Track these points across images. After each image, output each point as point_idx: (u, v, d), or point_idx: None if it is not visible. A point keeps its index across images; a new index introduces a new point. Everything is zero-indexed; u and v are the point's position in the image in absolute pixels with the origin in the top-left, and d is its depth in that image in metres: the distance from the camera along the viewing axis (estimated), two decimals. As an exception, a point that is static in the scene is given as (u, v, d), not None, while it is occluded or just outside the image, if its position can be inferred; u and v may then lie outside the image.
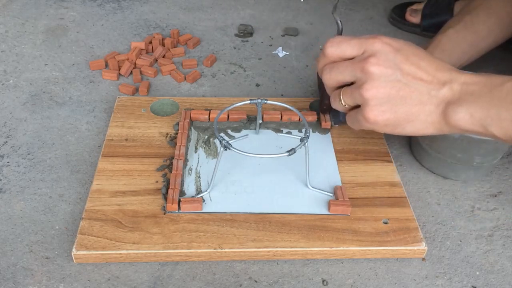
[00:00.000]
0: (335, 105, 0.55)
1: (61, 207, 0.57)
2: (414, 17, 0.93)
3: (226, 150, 0.53)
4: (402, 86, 0.49)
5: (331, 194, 0.57)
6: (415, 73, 0.49)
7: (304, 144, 0.54)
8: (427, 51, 0.53)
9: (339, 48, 0.51)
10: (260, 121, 0.64)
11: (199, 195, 0.56)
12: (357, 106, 0.52)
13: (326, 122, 0.66)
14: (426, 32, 0.91)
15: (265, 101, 0.60)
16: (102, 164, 0.59)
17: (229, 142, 0.53)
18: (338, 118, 0.65)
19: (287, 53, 0.86)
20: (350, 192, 0.58)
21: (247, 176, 0.59)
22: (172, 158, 0.60)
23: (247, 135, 0.63)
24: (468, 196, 0.61)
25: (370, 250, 0.52)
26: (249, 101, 0.60)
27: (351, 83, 0.51)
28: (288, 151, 0.52)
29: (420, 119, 0.49)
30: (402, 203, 0.57)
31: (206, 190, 0.56)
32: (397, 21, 0.95)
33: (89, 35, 0.88)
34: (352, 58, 0.51)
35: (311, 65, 0.83)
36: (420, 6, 0.93)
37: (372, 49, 0.49)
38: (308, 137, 0.55)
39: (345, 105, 0.53)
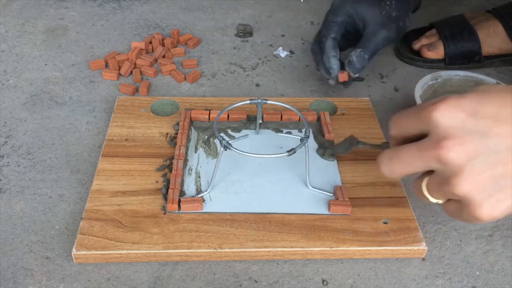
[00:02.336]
0: (423, 201, 0.42)
1: (61, 207, 0.57)
2: (432, 52, 0.82)
3: (226, 150, 0.53)
4: (506, 156, 0.35)
5: (331, 194, 0.57)
6: (509, 130, 0.35)
7: (304, 144, 0.54)
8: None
9: (399, 127, 0.41)
10: (260, 121, 0.64)
11: (199, 195, 0.56)
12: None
13: (343, 73, 0.65)
14: (452, 65, 0.82)
15: (265, 101, 0.60)
16: (102, 164, 0.59)
17: (229, 142, 0.53)
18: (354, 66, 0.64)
19: (288, 53, 0.86)
20: (350, 192, 0.58)
21: (247, 176, 0.59)
22: (172, 158, 0.60)
23: (247, 135, 0.63)
24: (468, 196, 0.61)
25: (370, 250, 0.52)
26: (249, 101, 0.60)
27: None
28: (288, 151, 0.52)
29: None
30: (402, 203, 0.57)
31: (206, 190, 0.56)
32: (415, 60, 0.83)
33: (89, 35, 0.88)
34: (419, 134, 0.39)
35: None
36: (430, 40, 0.84)
37: (437, 125, 0.36)
38: (308, 137, 0.55)
39: (437, 202, 0.41)
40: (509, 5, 0.82)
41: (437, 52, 0.82)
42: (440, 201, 0.41)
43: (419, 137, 0.39)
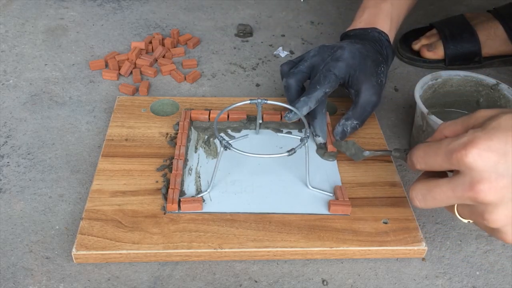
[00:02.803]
0: (451, 213, 0.44)
1: (61, 207, 0.57)
2: (432, 52, 0.82)
3: (226, 150, 0.53)
4: None
5: (331, 194, 0.57)
6: None
7: (304, 144, 0.54)
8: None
9: (427, 164, 0.42)
10: (260, 121, 0.64)
11: (199, 195, 0.56)
12: None
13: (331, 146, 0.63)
14: (452, 66, 0.82)
15: (265, 101, 0.60)
16: (102, 164, 0.59)
17: (229, 142, 0.53)
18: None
19: (288, 53, 0.86)
20: (350, 192, 0.58)
21: (247, 176, 0.59)
22: (172, 158, 0.60)
23: (247, 135, 0.63)
24: (468, 196, 0.61)
25: (370, 250, 0.52)
26: (249, 101, 0.60)
27: None
28: (288, 151, 0.52)
29: None
30: (402, 203, 0.57)
31: (206, 190, 0.56)
32: (415, 61, 0.84)
33: (89, 35, 0.88)
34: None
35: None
36: (430, 40, 0.83)
37: (471, 169, 0.38)
38: (308, 137, 0.55)
39: (468, 221, 0.44)
40: (510, 5, 0.82)
41: (437, 53, 0.82)
42: (471, 221, 0.43)
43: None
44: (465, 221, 0.44)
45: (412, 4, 0.75)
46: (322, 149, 0.63)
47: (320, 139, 0.63)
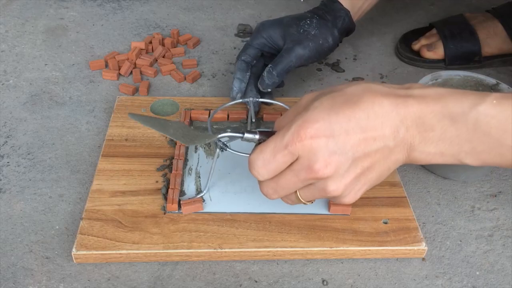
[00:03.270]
0: (291, 204, 0.49)
1: (61, 207, 0.57)
2: (432, 52, 0.82)
3: (222, 151, 0.53)
4: (362, 159, 0.43)
5: (331, 194, 0.57)
6: (365, 139, 0.43)
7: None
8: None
9: (270, 170, 0.45)
10: (254, 120, 0.64)
11: (197, 196, 0.56)
12: None
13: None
14: (452, 65, 0.82)
15: (257, 100, 0.60)
16: (102, 164, 0.59)
17: (225, 143, 0.53)
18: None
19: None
20: (350, 192, 0.58)
21: (247, 176, 0.59)
22: (172, 158, 0.60)
23: (242, 135, 0.63)
24: (468, 196, 0.61)
25: (370, 250, 0.52)
26: (241, 100, 0.60)
27: None
28: None
29: (390, 169, 0.46)
30: (402, 203, 0.57)
31: (204, 191, 0.56)
32: (415, 60, 0.84)
33: (89, 35, 0.88)
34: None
35: (311, 65, 0.83)
36: (430, 40, 0.84)
37: (307, 153, 0.42)
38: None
39: (306, 202, 0.48)
40: (509, 5, 0.82)
41: (437, 53, 0.82)
42: (310, 203, 0.48)
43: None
44: (308, 203, 0.47)
45: None
46: None
47: (233, 92, 0.66)
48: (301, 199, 0.47)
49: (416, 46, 0.84)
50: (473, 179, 0.63)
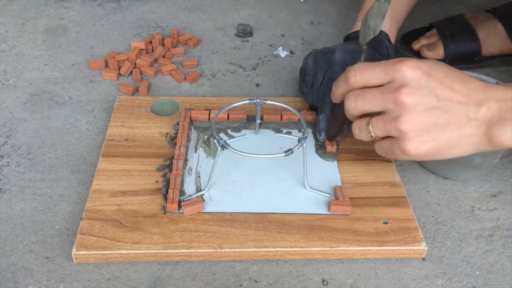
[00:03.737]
0: (360, 135, 0.52)
1: (61, 207, 0.57)
2: (432, 52, 0.82)
3: (223, 150, 0.53)
4: (440, 112, 0.46)
5: (329, 195, 0.57)
6: (450, 97, 0.46)
7: (302, 145, 0.54)
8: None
9: (363, 77, 0.49)
10: (260, 121, 0.64)
11: (197, 194, 0.56)
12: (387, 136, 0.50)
13: (333, 146, 0.62)
14: (452, 65, 0.84)
15: (264, 101, 0.60)
16: (102, 164, 0.59)
17: (227, 141, 0.53)
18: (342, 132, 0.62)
19: (288, 53, 0.86)
20: (350, 192, 0.58)
21: (247, 176, 0.59)
22: (172, 158, 0.60)
23: (245, 135, 0.63)
24: (468, 196, 0.61)
25: (370, 250, 0.52)
26: (248, 101, 0.60)
27: (379, 112, 0.49)
28: (286, 152, 0.52)
29: (461, 143, 0.48)
30: (402, 203, 0.57)
31: (204, 189, 0.56)
32: None
33: (89, 35, 0.88)
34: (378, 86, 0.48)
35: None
36: (430, 40, 0.83)
37: (401, 76, 0.46)
38: (306, 137, 0.55)
39: (374, 137, 0.50)
40: (509, 5, 0.82)
41: (437, 52, 0.82)
42: (376, 137, 0.50)
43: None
44: (374, 135, 0.50)
45: (412, 2, 0.75)
46: (322, 149, 0.63)
47: (321, 137, 0.62)
48: (371, 127, 0.49)
49: (416, 46, 0.84)
50: (473, 179, 0.63)
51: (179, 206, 0.54)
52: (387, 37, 0.69)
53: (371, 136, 0.51)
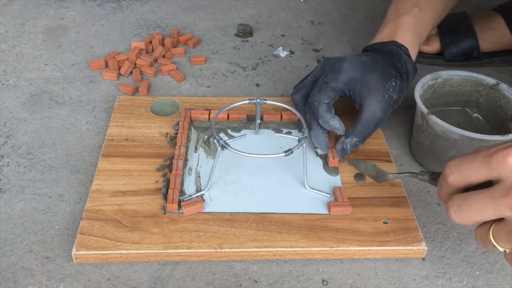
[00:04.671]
0: (487, 247, 0.42)
1: (61, 207, 0.57)
2: (428, 46, 0.82)
3: (223, 149, 0.53)
4: None
5: (329, 195, 0.57)
6: None
7: (301, 145, 0.54)
8: None
9: (461, 174, 0.40)
10: (260, 121, 0.64)
11: (197, 194, 0.56)
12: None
13: (334, 159, 0.60)
14: (451, 62, 0.82)
15: (264, 101, 0.60)
16: (102, 164, 0.59)
17: (227, 141, 0.53)
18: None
19: (288, 53, 0.86)
20: (350, 192, 0.58)
21: (247, 176, 0.59)
22: (172, 158, 0.60)
23: (245, 134, 0.63)
24: (468, 196, 0.61)
25: (370, 250, 0.52)
26: (248, 101, 0.60)
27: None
28: (285, 152, 0.52)
29: None
30: (402, 203, 0.57)
31: (204, 189, 0.56)
32: None
33: (89, 35, 0.88)
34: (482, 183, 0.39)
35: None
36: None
37: (510, 172, 0.37)
38: (306, 137, 0.55)
39: (504, 250, 0.41)
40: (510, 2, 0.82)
41: (432, 46, 0.83)
42: (508, 250, 0.41)
43: (481, 186, 0.40)
44: (501, 249, 0.41)
45: (437, 18, 0.70)
46: (323, 159, 0.62)
47: (319, 151, 0.61)
48: (493, 241, 0.40)
49: None
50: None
51: (179, 206, 0.54)
52: (407, 52, 0.64)
53: (500, 249, 0.41)
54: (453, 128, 0.57)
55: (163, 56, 0.82)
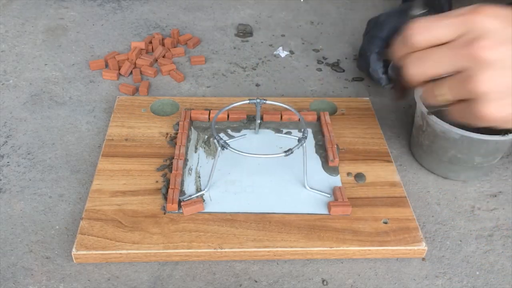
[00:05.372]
0: (430, 100, 0.44)
1: (61, 207, 0.57)
2: None
3: (223, 149, 0.53)
4: None
5: (329, 195, 0.57)
6: None
7: (301, 145, 0.54)
8: None
9: (430, 33, 0.41)
10: (260, 121, 0.64)
11: (197, 194, 0.56)
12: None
13: (334, 159, 0.61)
14: None
15: (264, 101, 0.60)
16: (102, 164, 0.59)
17: (227, 141, 0.53)
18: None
19: (288, 53, 0.86)
20: (350, 192, 0.58)
21: (247, 176, 0.59)
22: (172, 158, 0.60)
23: (245, 134, 0.63)
24: (468, 196, 0.61)
25: (370, 250, 0.52)
26: (248, 101, 0.60)
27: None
28: (285, 152, 0.52)
29: None
30: (402, 203, 0.57)
31: (204, 189, 0.56)
32: None
33: (89, 35, 0.88)
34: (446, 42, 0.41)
35: (311, 65, 0.83)
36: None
37: (478, 27, 0.39)
38: (306, 137, 0.55)
39: (447, 101, 0.43)
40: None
41: None
42: (447, 102, 0.43)
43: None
44: (443, 100, 0.43)
45: None
46: (322, 150, 0.63)
47: (383, 82, 0.69)
48: (442, 91, 0.42)
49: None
50: (473, 179, 0.63)
51: (179, 206, 0.54)
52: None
53: (443, 100, 0.43)
54: (453, 128, 0.57)
55: (163, 56, 0.82)
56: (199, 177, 0.59)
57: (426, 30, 0.41)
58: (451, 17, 0.40)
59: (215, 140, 0.54)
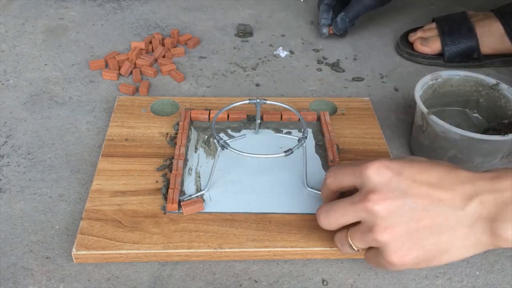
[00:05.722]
0: (343, 249, 0.47)
1: (61, 207, 0.57)
2: (428, 47, 0.83)
3: (223, 149, 0.53)
4: (420, 214, 0.41)
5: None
6: (429, 195, 0.41)
7: (301, 145, 0.54)
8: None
9: (336, 179, 0.46)
10: (260, 121, 0.64)
11: (197, 194, 0.56)
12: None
13: (334, 160, 0.60)
14: (451, 63, 0.82)
15: (264, 101, 0.60)
16: (102, 164, 0.59)
17: (227, 141, 0.53)
18: (337, 24, 0.83)
19: (288, 53, 0.86)
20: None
21: (247, 176, 0.59)
22: (172, 158, 0.60)
23: (245, 135, 0.63)
24: (468, 196, 0.61)
25: (370, 250, 0.52)
26: (248, 101, 0.60)
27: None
28: (285, 152, 0.52)
29: (456, 246, 0.42)
30: (402, 203, 0.57)
31: (204, 189, 0.56)
32: (414, 56, 0.84)
33: (89, 35, 0.88)
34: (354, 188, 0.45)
35: (311, 65, 0.83)
36: (426, 33, 0.84)
37: (368, 181, 0.42)
38: (306, 137, 0.55)
39: (357, 250, 0.46)
40: (511, 5, 0.82)
41: (432, 47, 0.83)
42: (360, 249, 0.46)
43: (351, 192, 0.45)
44: (356, 248, 0.46)
45: None
46: (322, 149, 0.63)
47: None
48: (350, 240, 0.45)
49: (412, 38, 0.85)
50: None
51: (179, 206, 0.54)
52: None
53: (355, 250, 0.46)
54: (453, 128, 0.57)
55: (163, 56, 0.82)
56: (199, 177, 0.59)
57: (335, 175, 0.46)
58: (351, 168, 0.45)
59: (215, 140, 0.54)
